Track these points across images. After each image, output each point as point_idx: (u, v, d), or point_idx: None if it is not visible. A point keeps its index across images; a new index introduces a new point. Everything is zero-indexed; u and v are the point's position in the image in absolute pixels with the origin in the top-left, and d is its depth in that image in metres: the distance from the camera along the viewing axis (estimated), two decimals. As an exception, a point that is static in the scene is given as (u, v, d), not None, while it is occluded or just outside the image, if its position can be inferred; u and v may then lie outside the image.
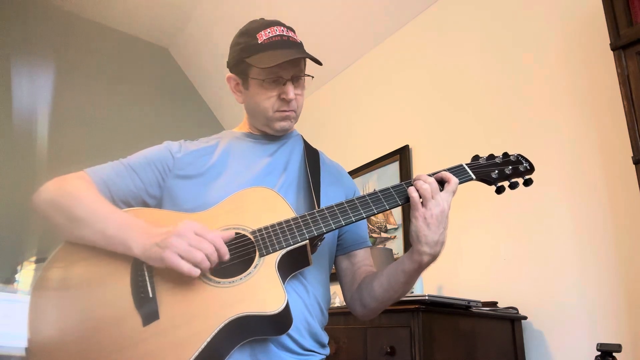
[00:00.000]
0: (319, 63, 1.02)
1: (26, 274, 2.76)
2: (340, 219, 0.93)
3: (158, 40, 4.09)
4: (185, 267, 0.79)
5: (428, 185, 0.92)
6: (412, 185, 0.95)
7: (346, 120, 3.20)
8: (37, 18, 3.45)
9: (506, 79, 2.20)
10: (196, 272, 0.80)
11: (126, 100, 3.75)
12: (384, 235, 2.65)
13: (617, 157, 1.70)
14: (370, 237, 2.70)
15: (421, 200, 0.92)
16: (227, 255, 0.84)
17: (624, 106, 1.45)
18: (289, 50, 1.01)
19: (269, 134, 1.13)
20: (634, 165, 1.39)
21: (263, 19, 1.10)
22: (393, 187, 0.97)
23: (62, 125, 3.29)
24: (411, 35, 2.81)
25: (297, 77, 1.05)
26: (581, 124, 1.87)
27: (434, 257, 0.94)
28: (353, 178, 3.02)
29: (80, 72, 3.55)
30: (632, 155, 1.41)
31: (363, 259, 1.14)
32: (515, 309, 1.86)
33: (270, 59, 0.99)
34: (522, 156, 1.05)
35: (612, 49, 1.51)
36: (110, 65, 3.74)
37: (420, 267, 0.95)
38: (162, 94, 4.02)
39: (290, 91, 1.03)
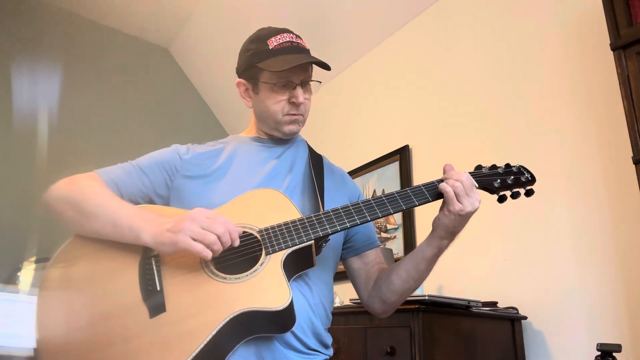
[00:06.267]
0: (328, 68, 1.06)
1: (26, 273, 2.77)
2: (345, 220, 0.96)
3: (158, 40, 4.09)
4: (199, 247, 0.82)
5: (460, 183, 0.95)
6: (437, 185, 0.99)
7: (346, 120, 3.20)
8: (37, 18, 3.45)
9: (506, 79, 2.20)
10: (208, 253, 0.83)
11: (126, 100, 3.74)
12: (384, 235, 2.65)
13: (617, 157, 1.70)
14: (371, 237, 2.70)
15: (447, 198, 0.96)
16: (237, 241, 0.86)
17: (624, 106, 1.45)
18: (299, 55, 1.05)
19: (275, 138, 1.15)
20: (634, 165, 1.39)
21: (271, 27, 1.13)
22: (398, 193, 0.99)
23: (62, 126, 3.28)
24: (411, 36, 2.81)
25: (305, 82, 1.09)
26: (581, 124, 1.86)
27: (452, 240, 1.01)
28: (353, 178, 3.01)
29: (80, 72, 3.55)
30: (632, 155, 1.41)
31: (375, 258, 1.17)
32: (515, 309, 1.86)
33: (283, 63, 1.02)
34: (523, 167, 1.08)
35: (612, 49, 1.51)
36: (110, 66, 3.74)
37: (440, 251, 1.02)
38: (162, 94, 4.02)
39: (300, 95, 1.07)
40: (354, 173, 2.92)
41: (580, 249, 1.77)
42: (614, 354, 1.27)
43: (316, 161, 1.16)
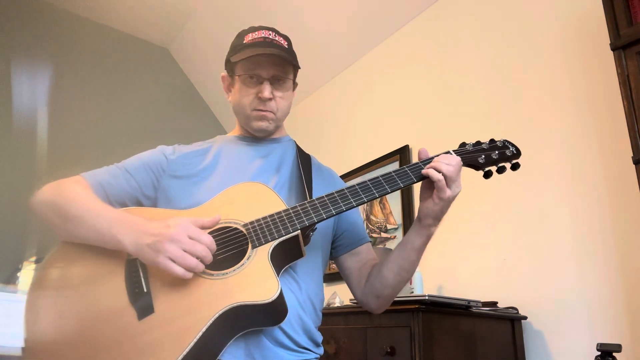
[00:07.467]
0: (297, 67, 1.08)
1: (26, 273, 2.77)
2: (331, 208, 0.95)
3: (158, 40, 4.09)
4: (180, 271, 0.81)
5: (453, 167, 0.94)
6: (422, 167, 0.98)
7: (346, 120, 3.20)
8: (37, 18, 3.45)
9: (506, 79, 2.20)
10: (190, 275, 0.82)
11: (126, 100, 3.74)
12: (384, 235, 2.65)
13: (617, 157, 1.70)
14: (370, 237, 2.70)
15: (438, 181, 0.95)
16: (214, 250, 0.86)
17: (624, 106, 1.45)
18: (265, 48, 1.05)
19: (259, 137, 1.15)
20: (634, 165, 1.39)
21: (256, 25, 1.14)
22: (382, 176, 0.99)
23: (62, 126, 3.29)
24: (411, 36, 2.81)
25: (277, 78, 1.08)
26: (581, 124, 1.86)
27: (438, 225, 1.00)
28: (353, 178, 3.03)
29: (80, 72, 3.55)
30: (632, 155, 1.41)
31: (367, 254, 1.17)
32: (515, 309, 1.86)
33: (244, 54, 1.04)
34: (508, 141, 1.08)
35: (612, 49, 1.51)
36: (110, 66, 3.74)
37: (429, 239, 1.01)
38: (162, 94, 4.01)
39: (266, 90, 1.06)
40: (354, 173, 2.92)
41: (580, 249, 1.77)
42: (614, 354, 1.27)
43: (304, 161, 1.16)
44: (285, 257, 0.95)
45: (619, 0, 1.53)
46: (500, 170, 1.04)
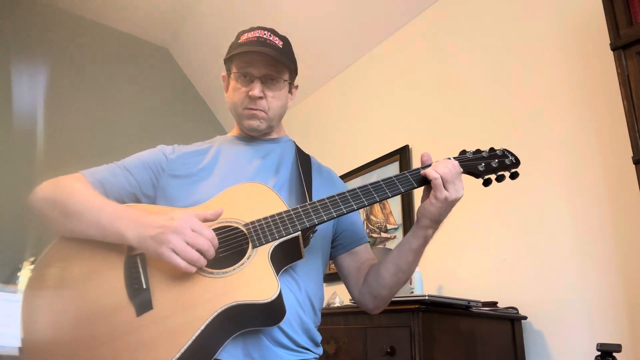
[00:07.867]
0: (290, 67, 1.09)
1: (26, 273, 2.76)
2: (332, 210, 0.95)
3: (158, 40, 4.09)
4: (183, 264, 0.81)
5: (449, 169, 0.95)
6: (421, 170, 0.99)
7: (347, 120, 3.20)
8: (37, 18, 3.45)
9: (506, 79, 2.20)
10: (193, 269, 0.82)
11: (126, 100, 3.74)
12: (384, 235, 2.65)
13: (617, 157, 1.70)
14: (370, 237, 2.70)
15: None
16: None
17: (624, 106, 1.45)
18: (257, 47, 1.06)
19: (260, 137, 1.16)
20: (634, 165, 1.39)
21: (255, 26, 1.15)
22: (383, 180, 0.99)
23: (62, 126, 3.29)
24: (411, 36, 2.81)
25: (270, 77, 1.09)
26: (581, 124, 1.87)
27: (437, 229, 1.00)
28: (353, 178, 3.03)
29: (79, 72, 3.55)
30: (632, 155, 1.41)
31: (365, 254, 1.17)
32: (515, 309, 1.86)
33: (234, 52, 1.06)
34: (508, 150, 1.09)
35: (612, 49, 1.51)
36: (110, 66, 3.74)
37: (426, 241, 1.01)
38: (162, 94, 4.01)
39: (256, 88, 1.07)
40: (354, 173, 2.92)
41: (580, 249, 1.77)
42: (614, 354, 1.27)
43: (304, 161, 1.16)
44: (285, 257, 0.95)
45: (619, 0, 1.53)
46: (500, 179, 1.05)
